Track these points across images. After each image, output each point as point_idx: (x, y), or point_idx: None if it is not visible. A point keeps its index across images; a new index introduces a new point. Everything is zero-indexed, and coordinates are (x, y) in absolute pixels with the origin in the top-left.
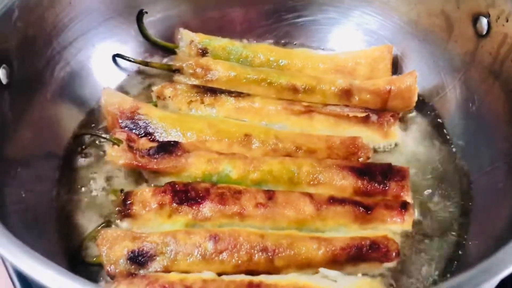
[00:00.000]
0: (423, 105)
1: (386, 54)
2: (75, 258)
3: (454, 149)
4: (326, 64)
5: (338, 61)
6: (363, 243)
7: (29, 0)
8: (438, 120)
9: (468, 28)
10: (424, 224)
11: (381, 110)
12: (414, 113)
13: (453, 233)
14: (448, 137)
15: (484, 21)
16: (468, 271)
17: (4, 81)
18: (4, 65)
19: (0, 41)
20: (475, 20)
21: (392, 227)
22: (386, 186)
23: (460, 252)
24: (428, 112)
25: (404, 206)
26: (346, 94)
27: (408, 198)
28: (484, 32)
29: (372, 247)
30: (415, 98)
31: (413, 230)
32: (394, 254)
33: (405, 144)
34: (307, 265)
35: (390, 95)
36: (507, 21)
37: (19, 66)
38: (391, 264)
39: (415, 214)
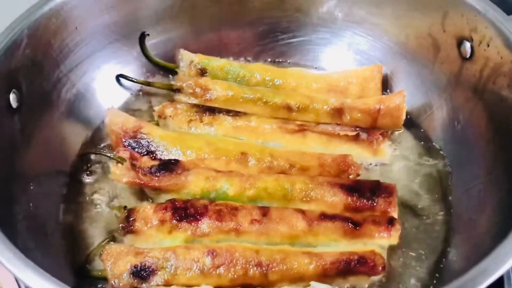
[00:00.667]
0: (411, 123)
1: (376, 74)
2: (81, 272)
3: (440, 166)
4: (319, 83)
5: (331, 80)
6: (351, 257)
7: (38, 27)
8: (425, 138)
9: (453, 50)
10: (409, 237)
11: (371, 128)
12: (402, 131)
13: (437, 245)
14: (434, 154)
15: (467, 45)
16: (454, 282)
17: (14, 105)
18: (14, 90)
19: (10, 68)
20: (459, 43)
21: (380, 242)
22: (374, 202)
23: (443, 265)
24: (416, 130)
25: (391, 221)
26: (338, 112)
27: (395, 214)
28: (468, 55)
29: (360, 261)
30: (404, 117)
31: (399, 243)
32: (380, 268)
33: (393, 161)
34: (299, 279)
35: (379, 113)
36: (488, 46)
37: (28, 90)
38: (377, 277)
39: (401, 228)
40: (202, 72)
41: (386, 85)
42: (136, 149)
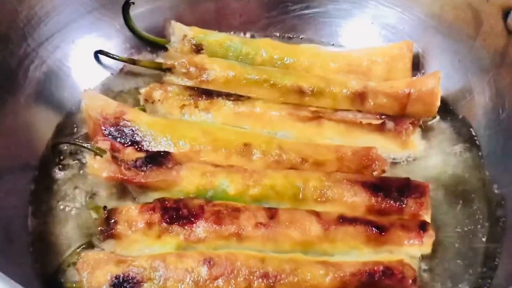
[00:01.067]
0: (447, 110)
1: (405, 52)
2: (52, 285)
3: (482, 162)
4: (338, 63)
5: (351, 59)
6: (375, 268)
7: None
8: (464, 128)
9: (498, 23)
10: (446, 246)
11: (399, 116)
12: (436, 120)
13: (480, 256)
14: (475, 147)
15: None
16: None
17: None
18: None
19: None
20: (506, 15)
21: (409, 250)
22: (403, 204)
23: (489, 280)
24: (453, 119)
25: (423, 226)
26: (360, 97)
27: (428, 217)
28: None
29: (386, 273)
30: (438, 103)
31: (433, 252)
32: (410, 281)
33: (425, 156)
34: None
35: (409, 99)
36: None
37: None
38: None
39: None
40: (198, 49)
41: (417, 65)
42: (118, 139)
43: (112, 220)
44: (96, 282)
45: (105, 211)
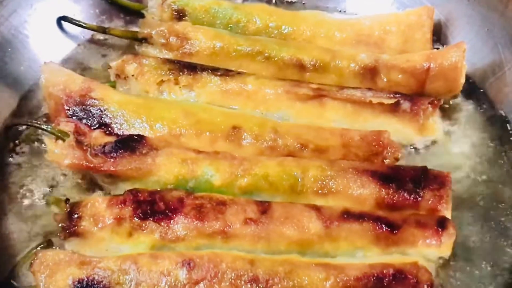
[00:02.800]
0: (473, 89)
1: (425, 20)
2: None
3: None
4: (345, 32)
5: (361, 28)
6: (385, 272)
7: None
8: (493, 109)
9: None
10: (468, 247)
11: (417, 95)
12: (460, 100)
13: (509, 259)
14: (505, 132)
15: None
16: None
17: None
18: None
19: None
20: None
21: (426, 252)
22: (419, 197)
23: None
24: (480, 99)
25: (442, 223)
26: (370, 73)
27: (448, 212)
28: None
29: (397, 277)
30: (463, 80)
31: (454, 255)
32: (425, 287)
33: (447, 142)
34: None
35: (429, 75)
36: None
37: None
38: None
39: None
40: (180, 15)
41: (438, 35)
42: (84, 120)
43: (75, 215)
44: (55, 287)
45: (67, 205)
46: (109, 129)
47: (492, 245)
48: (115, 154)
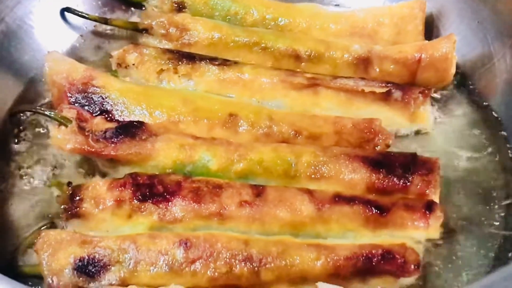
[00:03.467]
0: (463, 79)
1: (416, 12)
2: (9, 267)
3: (502, 139)
4: (339, 24)
5: (355, 20)
6: (374, 252)
7: None
8: (482, 99)
9: None
10: (456, 231)
11: (408, 84)
12: (450, 90)
13: (496, 242)
14: (495, 122)
15: None
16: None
17: None
18: None
19: None
20: None
21: (414, 234)
22: (408, 181)
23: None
24: (470, 89)
25: (430, 207)
26: (364, 63)
27: (436, 197)
28: None
29: (385, 257)
30: (453, 71)
31: (441, 238)
32: (412, 266)
33: (436, 130)
34: (301, 280)
35: (420, 65)
36: None
37: None
38: (409, 280)
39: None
40: (179, 7)
41: (430, 27)
42: (86, 107)
43: (77, 198)
44: (57, 265)
45: (70, 188)
46: (110, 115)
47: (479, 228)
48: (115, 139)
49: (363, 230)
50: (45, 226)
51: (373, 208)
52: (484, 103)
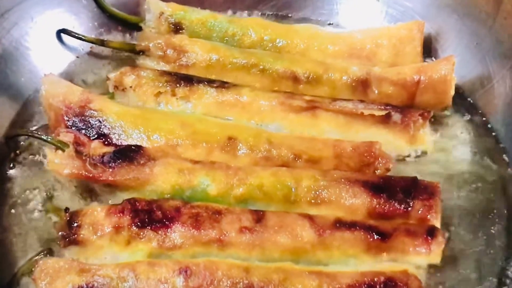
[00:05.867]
0: (462, 101)
1: (415, 33)
2: None
3: (502, 160)
4: (337, 46)
5: (353, 41)
6: (376, 280)
7: None
8: (482, 121)
9: None
10: (458, 256)
11: (407, 107)
12: (450, 112)
13: (497, 268)
14: (494, 144)
15: None
16: None
17: None
18: None
19: None
20: None
21: (415, 260)
22: (409, 206)
23: None
24: (469, 111)
25: (431, 232)
26: (362, 85)
27: (437, 222)
28: None
29: (388, 285)
30: (452, 92)
31: (443, 263)
32: None
33: (436, 153)
34: None
35: (419, 87)
36: None
37: None
38: None
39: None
40: (177, 28)
41: (429, 49)
42: (83, 131)
43: (75, 224)
44: None
45: (67, 214)
46: (108, 139)
47: (480, 253)
48: (113, 164)
49: (364, 256)
50: (42, 253)
51: (374, 233)
52: (484, 124)
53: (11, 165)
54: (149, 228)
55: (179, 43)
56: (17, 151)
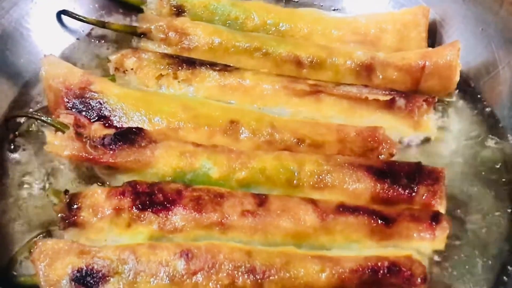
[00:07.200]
0: (467, 87)
1: (420, 19)
2: (4, 277)
3: (507, 148)
4: (341, 30)
5: (357, 26)
6: (379, 264)
7: None
8: (487, 107)
9: None
10: (462, 242)
11: (412, 92)
12: (454, 98)
13: (500, 252)
14: (499, 130)
15: None
16: None
17: None
18: None
19: None
20: None
21: (420, 245)
22: (413, 192)
23: (507, 278)
24: (474, 97)
25: (436, 218)
26: (366, 70)
27: (442, 207)
28: None
29: (392, 270)
30: (457, 78)
31: (447, 249)
32: (419, 279)
33: (440, 139)
34: None
35: (423, 73)
36: None
37: None
38: None
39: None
40: (178, 11)
41: (433, 34)
42: (84, 113)
43: (75, 206)
44: (55, 276)
45: (67, 196)
46: (108, 121)
47: (484, 239)
48: (114, 146)
49: (368, 241)
50: (41, 235)
51: (378, 218)
52: (489, 111)
53: (11, 147)
54: (150, 210)
55: (181, 26)
56: (17, 133)
